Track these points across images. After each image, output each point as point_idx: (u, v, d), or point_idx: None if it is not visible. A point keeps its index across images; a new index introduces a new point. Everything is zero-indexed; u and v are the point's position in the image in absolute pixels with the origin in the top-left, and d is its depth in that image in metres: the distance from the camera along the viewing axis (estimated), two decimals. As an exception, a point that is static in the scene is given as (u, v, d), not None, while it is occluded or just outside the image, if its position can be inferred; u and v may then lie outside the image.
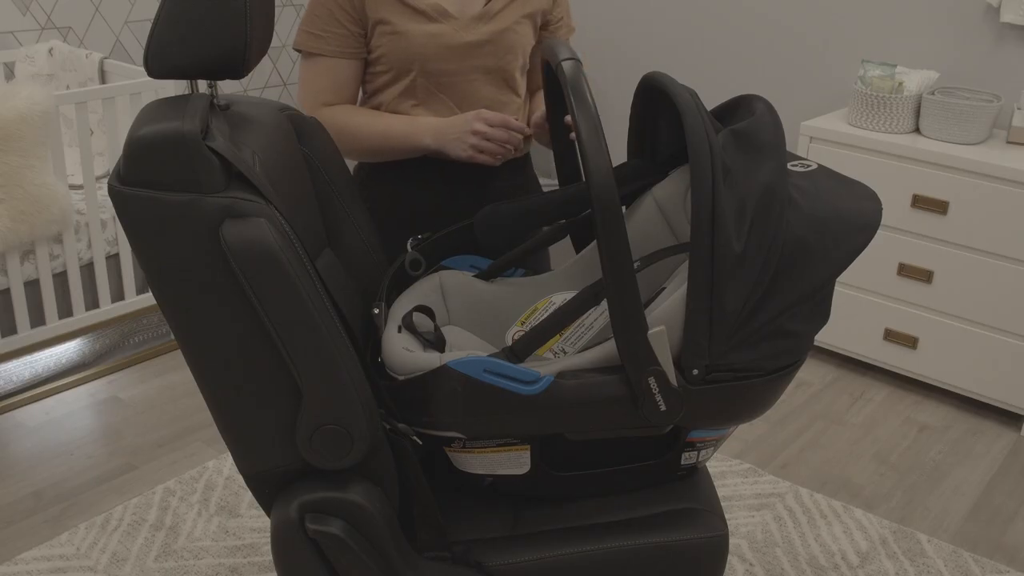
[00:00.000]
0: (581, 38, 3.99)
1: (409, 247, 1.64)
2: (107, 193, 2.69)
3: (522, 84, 1.87)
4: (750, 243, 1.28)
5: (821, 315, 1.37)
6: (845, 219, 1.34)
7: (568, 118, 1.66)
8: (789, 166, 1.42)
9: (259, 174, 1.27)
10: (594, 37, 3.96)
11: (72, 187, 2.94)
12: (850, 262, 1.33)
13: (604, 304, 1.51)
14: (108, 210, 2.91)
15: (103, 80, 3.13)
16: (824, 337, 3.20)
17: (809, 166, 1.44)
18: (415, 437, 1.37)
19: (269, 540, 2.33)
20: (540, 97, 1.91)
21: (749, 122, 1.37)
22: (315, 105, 1.79)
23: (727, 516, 2.45)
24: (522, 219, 1.66)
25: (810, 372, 3.20)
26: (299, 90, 1.81)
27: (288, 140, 1.47)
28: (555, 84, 1.61)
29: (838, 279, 3.10)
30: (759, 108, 1.40)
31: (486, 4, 1.77)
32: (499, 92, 1.82)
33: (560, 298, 1.63)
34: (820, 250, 1.32)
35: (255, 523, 2.37)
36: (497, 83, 1.81)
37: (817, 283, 1.32)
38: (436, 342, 1.48)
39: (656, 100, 1.53)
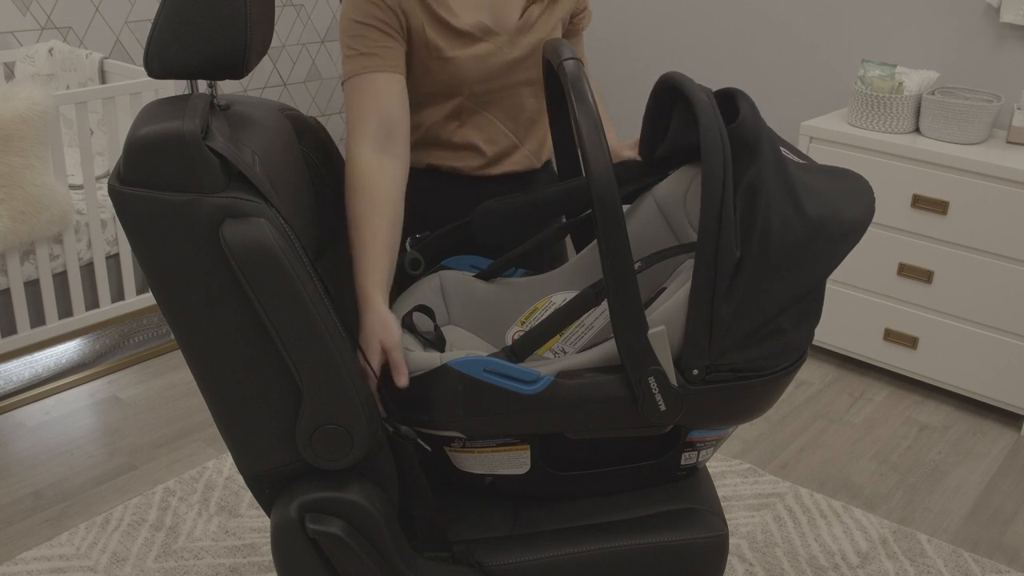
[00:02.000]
0: (581, 38, 3.99)
1: (408, 247, 1.64)
2: (107, 193, 2.70)
3: None
4: (745, 243, 1.29)
5: (815, 313, 1.37)
6: (843, 220, 1.34)
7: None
8: (791, 156, 1.42)
9: (259, 174, 1.27)
10: (595, 37, 3.96)
11: (72, 187, 2.94)
12: (843, 259, 1.34)
13: (604, 304, 1.51)
14: (108, 210, 2.91)
15: (103, 80, 3.13)
16: (824, 337, 3.20)
17: (801, 163, 1.44)
18: (420, 440, 1.37)
19: (269, 540, 2.33)
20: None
21: (735, 126, 1.36)
22: (360, 139, 1.56)
23: (727, 516, 2.45)
24: (519, 215, 1.65)
25: (810, 372, 3.20)
26: (347, 125, 1.59)
27: (288, 140, 1.47)
28: (556, 83, 1.61)
29: (838, 279, 3.11)
30: (743, 109, 1.38)
31: (523, 14, 1.68)
32: (539, 102, 1.77)
33: (560, 298, 1.63)
34: (819, 251, 1.32)
35: (255, 523, 2.37)
36: (538, 93, 1.76)
37: (814, 282, 1.33)
38: (436, 342, 1.48)
39: (671, 100, 1.52)
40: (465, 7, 1.63)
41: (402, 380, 1.36)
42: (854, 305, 3.10)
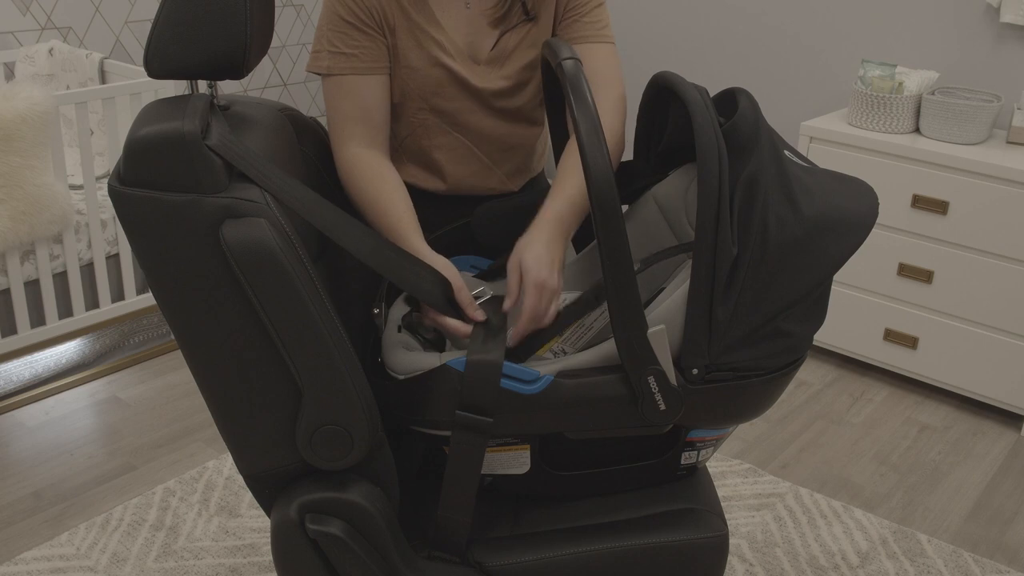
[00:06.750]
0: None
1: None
2: (107, 193, 2.70)
3: (542, 111, 1.75)
4: (742, 242, 1.28)
5: (818, 314, 1.37)
6: (843, 220, 1.34)
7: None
8: (792, 158, 1.42)
9: (258, 174, 1.27)
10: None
11: (72, 187, 2.94)
12: (846, 260, 1.33)
13: (604, 304, 1.51)
14: (108, 210, 2.91)
15: (103, 80, 3.13)
16: (824, 337, 3.20)
17: (803, 165, 1.44)
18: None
19: (269, 540, 2.33)
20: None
21: (732, 121, 1.36)
22: (346, 139, 1.58)
23: (727, 516, 2.45)
24: (519, 215, 1.65)
25: (810, 372, 3.20)
26: (329, 122, 1.60)
27: (288, 140, 1.47)
28: (555, 83, 1.61)
29: (838, 279, 3.11)
30: (741, 103, 1.38)
31: (496, 42, 1.63)
32: (519, 128, 1.72)
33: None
34: (818, 251, 1.32)
35: (255, 523, 2.37)
36: (517, 121, 1.71)
37: (814, 282, 1.32)
38: (436, 341, 1.48)
39: (665, 100, 1.52)
40: (448, 19, 1.61)
41: (478, 315, 1.42)
42: (854, 305, 3.10)
